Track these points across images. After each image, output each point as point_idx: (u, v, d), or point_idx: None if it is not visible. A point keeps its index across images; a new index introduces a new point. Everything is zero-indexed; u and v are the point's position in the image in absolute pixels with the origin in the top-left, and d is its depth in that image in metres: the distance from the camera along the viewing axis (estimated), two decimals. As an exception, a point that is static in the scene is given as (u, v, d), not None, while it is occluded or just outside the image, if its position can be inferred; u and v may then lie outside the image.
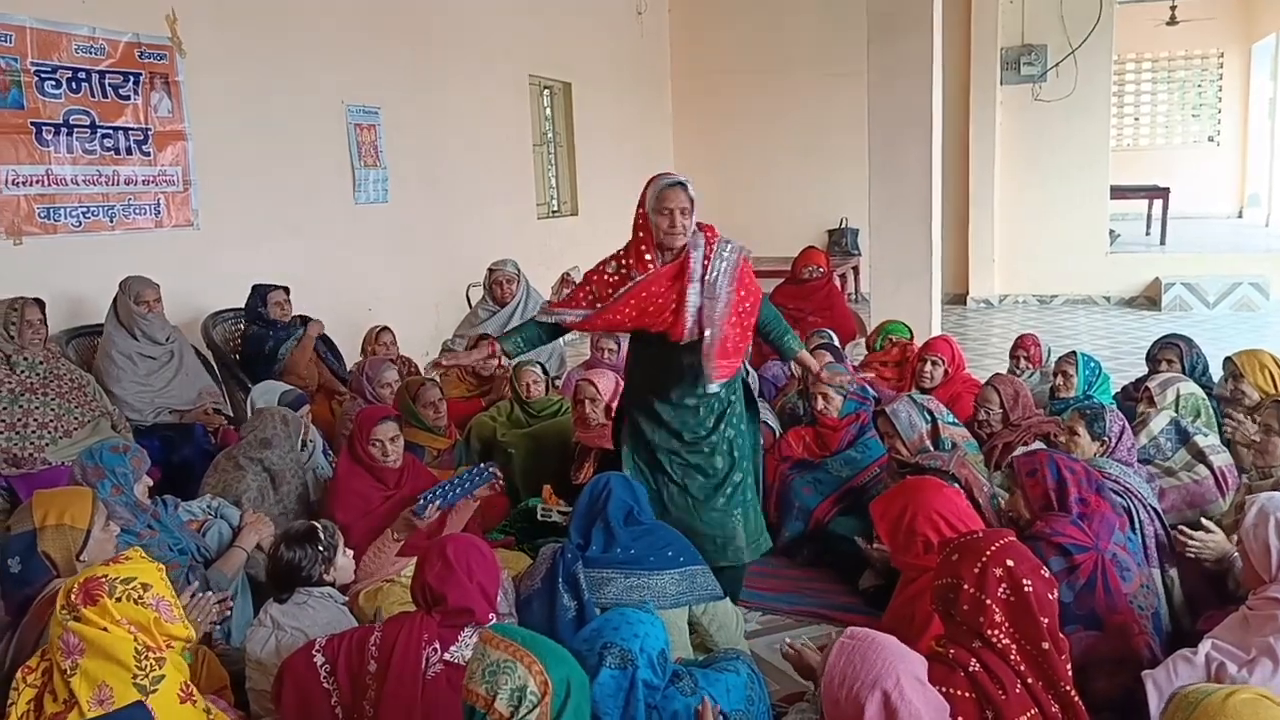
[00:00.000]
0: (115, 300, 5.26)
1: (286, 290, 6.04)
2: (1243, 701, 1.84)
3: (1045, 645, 2.36)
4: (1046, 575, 2.44)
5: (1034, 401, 4.75)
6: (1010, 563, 2.40)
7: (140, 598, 2.32)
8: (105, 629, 2.27)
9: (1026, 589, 2.36)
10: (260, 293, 5.98)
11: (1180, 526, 3.39)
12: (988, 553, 2.42)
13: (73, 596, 2.29)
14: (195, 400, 5.35)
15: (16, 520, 2.97)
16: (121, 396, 5.06)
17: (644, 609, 2.63)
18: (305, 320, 6.14)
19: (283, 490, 4.29)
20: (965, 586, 2.40)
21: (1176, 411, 4.32)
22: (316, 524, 3.20)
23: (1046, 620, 2.37)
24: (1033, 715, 2.33)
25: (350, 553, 3.29)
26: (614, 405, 4.66)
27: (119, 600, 2.29)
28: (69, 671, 2.25)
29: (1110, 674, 2.85)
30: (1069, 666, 2.41)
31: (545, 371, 5.49)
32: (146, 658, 2.30)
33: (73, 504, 2.99)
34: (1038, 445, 4.26)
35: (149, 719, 2.24)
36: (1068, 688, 2.37)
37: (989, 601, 2.37)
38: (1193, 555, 3.31)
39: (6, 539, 2.96)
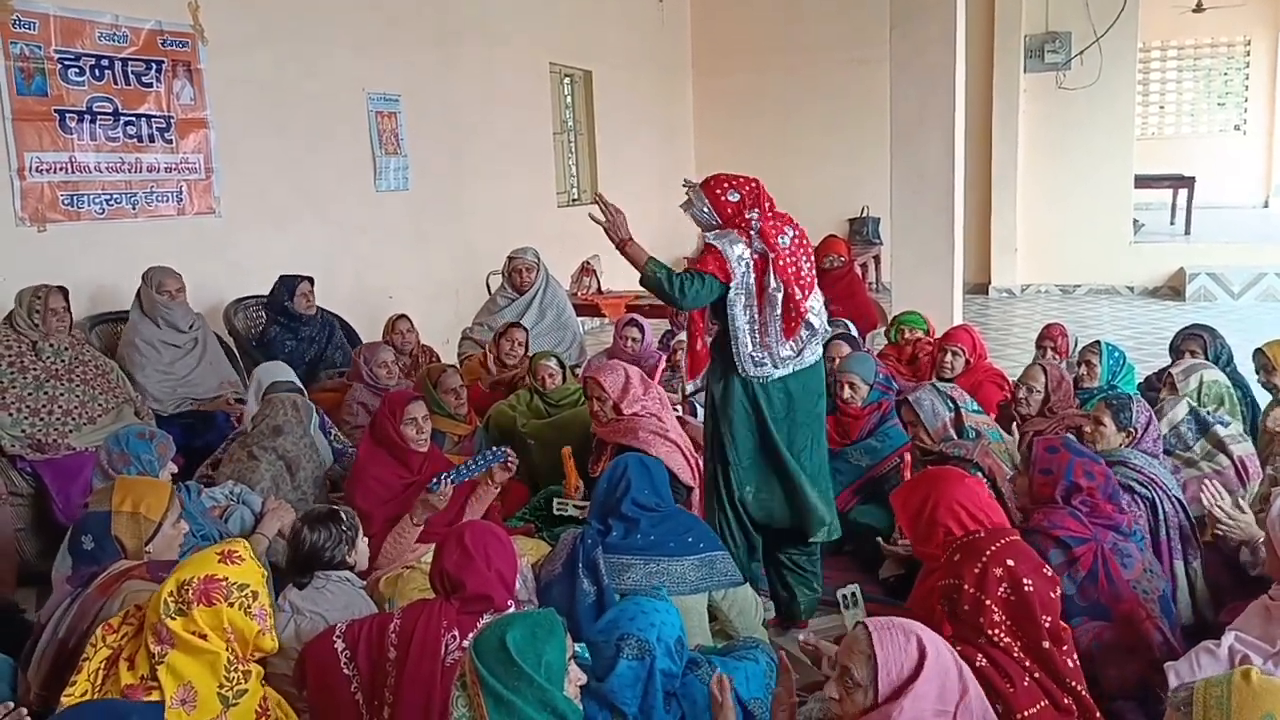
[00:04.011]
0: (139, 291, 5.28)
1: (311, 281, 6.03)
2: None
3: (1045, 645, 2.36)
4: (1049, 574, 2.44)
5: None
6: (1010, 562, 2.41)
7: (249, 607, 2.31)
8: (204, 636, 2.26)
9: (1027, 588, 2.37)
10: (288, 286, 5.94)
11: (1217, 503, 3.32)
12: (988, 553, 2.44)
13: (189, 591, 2.26)
14: (217, 390, 5.37)
15: (95, 500, 3.02)
16: (144, 384, 5.08)
17: (658, 596, 2.63)
18: (327, 315, 6.14)
19: (299, 476, 4.30)
20: (966, 586, 2.42)
21: (1199, 399, 4.27)
22: (337, 506, 3.21)
23: (1048, 620, 2.37)
24: (1043, 706, 2.33)
25: (367, 540, 3.30)
26: (623, 404, 4.56)
27: (232, 606, 2.28)
28: (157, 657, 2.25)
29: (1120, 662, 2.83)
30: (1073, 661, 2.41)
31: (562, 363, 5.47)
32: (235, 669, 2.31)
33: (149, 495, 3.02)
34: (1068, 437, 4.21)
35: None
36: (1073, 683, 2.37)
37: (988, 601, 2.38)
38: (1221, 533, 3.27)
39: (83, 516, 3.01)
